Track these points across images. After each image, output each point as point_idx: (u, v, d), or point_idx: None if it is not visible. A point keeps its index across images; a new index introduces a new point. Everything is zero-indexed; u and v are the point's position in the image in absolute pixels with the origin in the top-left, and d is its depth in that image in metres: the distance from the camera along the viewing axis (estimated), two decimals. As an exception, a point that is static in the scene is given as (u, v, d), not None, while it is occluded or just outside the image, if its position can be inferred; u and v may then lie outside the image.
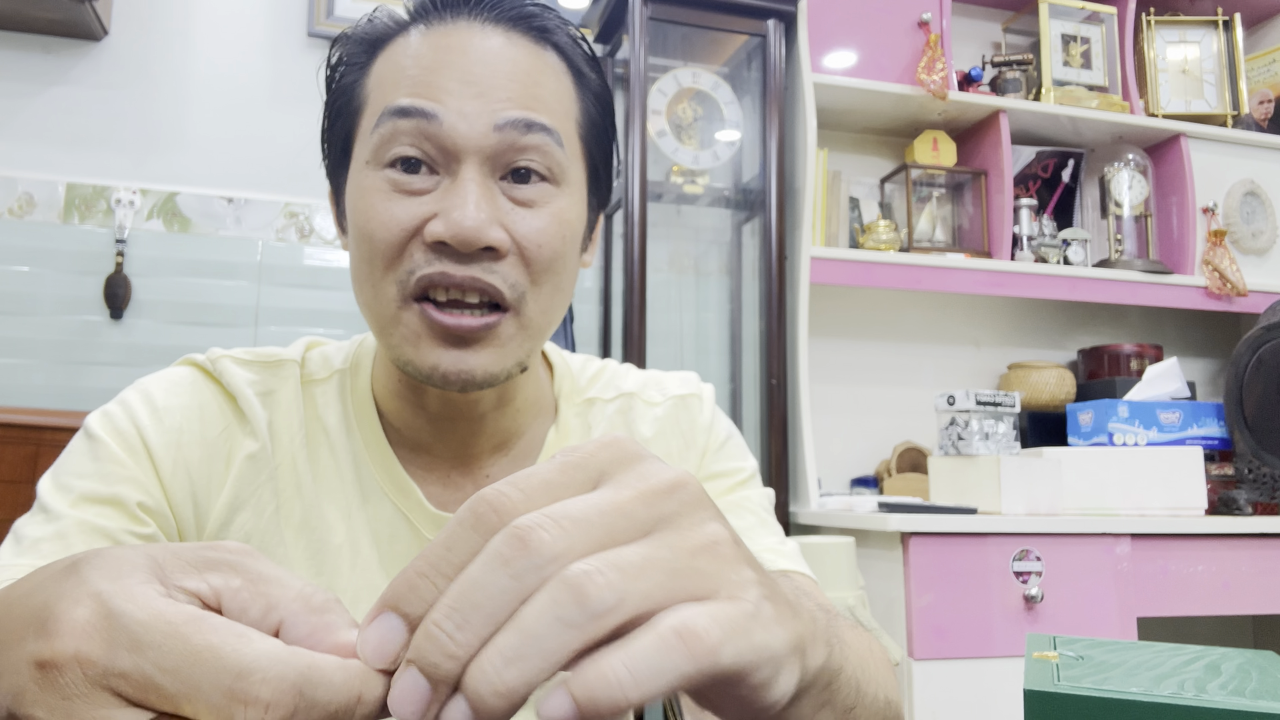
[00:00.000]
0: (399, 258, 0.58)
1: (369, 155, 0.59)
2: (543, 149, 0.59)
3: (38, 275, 1.99)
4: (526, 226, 0.59)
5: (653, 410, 0.74)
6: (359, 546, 0.64)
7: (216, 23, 2.16)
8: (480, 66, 0.58)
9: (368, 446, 0.66)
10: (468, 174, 0.57)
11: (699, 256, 2.41)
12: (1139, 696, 0.39)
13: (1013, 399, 1.97)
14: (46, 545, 0.55)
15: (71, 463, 0.60)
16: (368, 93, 0.61)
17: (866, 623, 1.58)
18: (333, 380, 0.68)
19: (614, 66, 2.34)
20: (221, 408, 0.64)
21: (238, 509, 0.62)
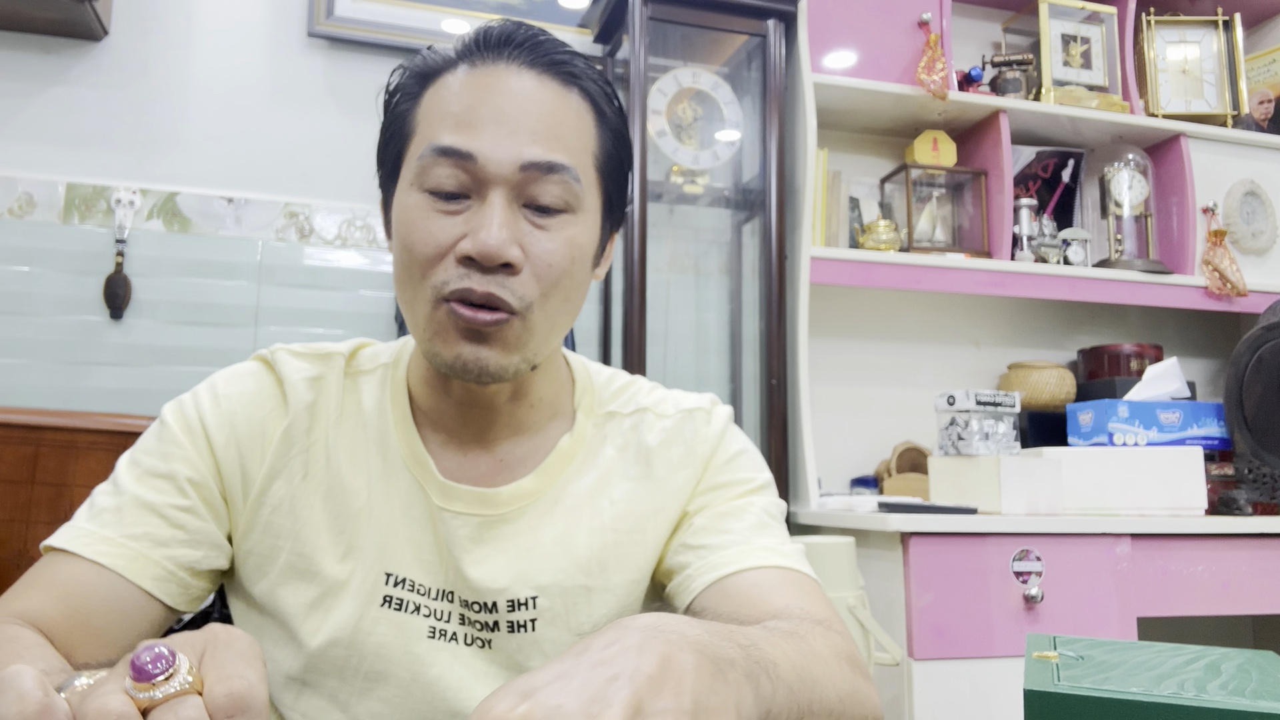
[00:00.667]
0: (434, 268, 0.68)
1: (413, 178, 0.69)
2: (561, 185, 0.69)
3: (38, 275, 1.99)
4: (540, 247, 0.68)
5: (662, 422, 0.81)
6: (375, 510, 0.73)
7: (216, 23, 2.16)
8: (512, 106, 0.68)
9: (396, 425, 0.76)
10: (494, 200, 0.67)
11: (699, 256, 2.41)
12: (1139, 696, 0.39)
13: (1013, 399, 1.97)
14: (107, 516, 0.69)
15: (144, 442, 0.74)
16: (417, 121, 0.71)
17: (866, 623, 1.58)
18: (377, 372, 0.79)
19: (614, 66, 2.34)
20: (272, 392, 0.76)
21: (274, 477, 0.73)
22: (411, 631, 0.72)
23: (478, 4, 2.29)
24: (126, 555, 0.68)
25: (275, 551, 0.73)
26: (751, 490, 0.79)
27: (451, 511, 0.73)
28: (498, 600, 0.72)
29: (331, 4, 2.18)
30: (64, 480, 1.66)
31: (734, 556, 0.72)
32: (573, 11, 2.35)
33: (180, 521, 0.70)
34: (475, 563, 0.73)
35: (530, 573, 0.73)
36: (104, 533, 0.68)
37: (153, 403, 2.00)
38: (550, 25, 2.33)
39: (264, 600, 0.73)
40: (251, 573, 0.74)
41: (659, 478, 0.78)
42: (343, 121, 2.20)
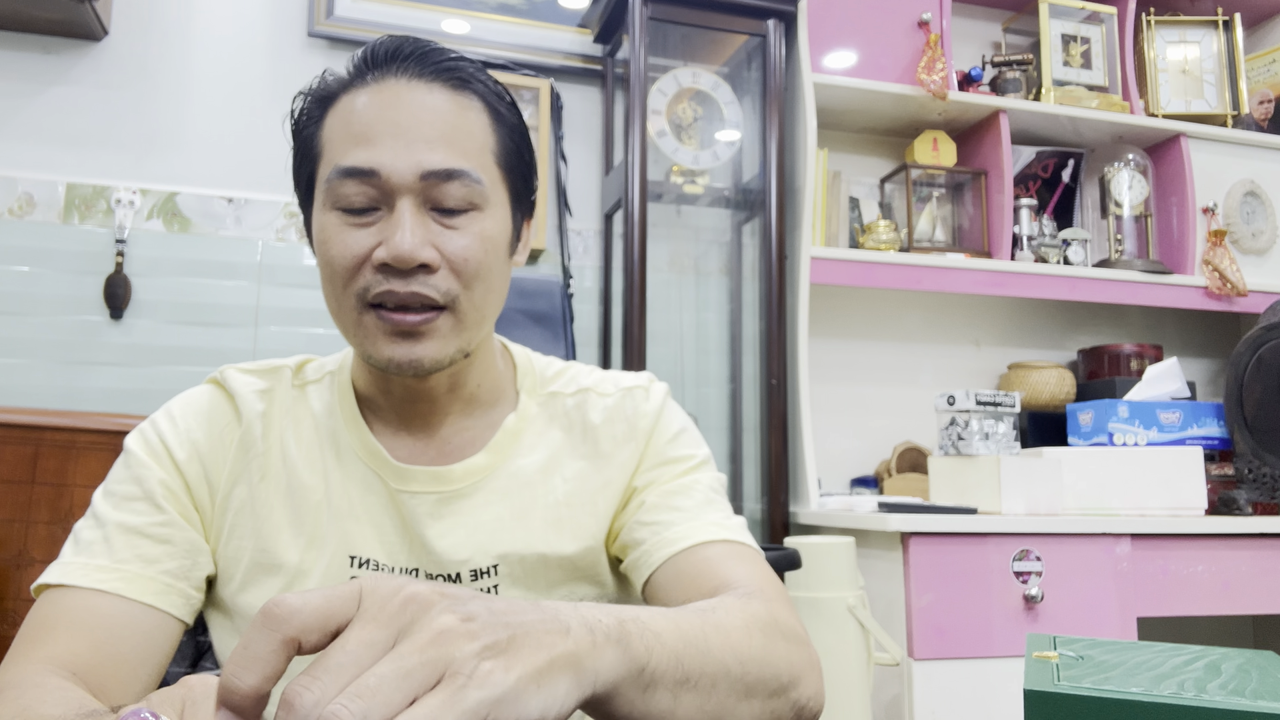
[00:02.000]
0: (354, 277, 0.72)
1: (324, 199, 0.73)
2: (463, 187, 0.72)
3: (38, 275, 1.99)
4: (453, 245, 0.72)
5: (604, 400, 0.85)
6: (334, 500, 0.78)
7: (216, 23, 2.16)
8: (407, 118, 0.72)
9: (345, 423, 0.80)
10: (402, 208, 0.71)
11: (699, 256, 2.41)
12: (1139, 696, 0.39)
13: (1013, 399, 1.97)
14: (97, 547, 0.72)
15: (114, 474, 0.77)
16: (322, 144, 0.75)
17: (866, 623, 1.58)
18: (324, 380, 0.84)
19: (614, 66, 2.34)
20: (225, 407, 0.80)
21: (234, 482, 0.78)
22: None
23: (478, 4, 2.29)
24: (123, 578, 0.71)
25: (241, 552, 0.77)
26: (694, 467, 0.84)
27: (409, 492, 0.78)
28: (461, 570, 0.77)
29: (331, 4, 2.18)
30: (64, 480, 1.66)
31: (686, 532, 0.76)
32: (573, 11, 2.35)
33: (163, 536, 0.74)
34: (438, 536, 0.77)
35: (489, 544, 0.78)
36: (96, 562, 0.71)
37: (153, 403, 1.99)
38: (550, 25, 2.33)
39: (235, 602, 0.77)
40: (222, 576, 0.77)
41: (605, 453, 0.83)
42: (343, 121, 2.20)
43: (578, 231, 2.32)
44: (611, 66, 2.34)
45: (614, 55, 2.33)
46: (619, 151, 2.32)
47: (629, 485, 0.82)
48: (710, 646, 0.54)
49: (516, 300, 1.46)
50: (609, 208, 2.29)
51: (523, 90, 2.29)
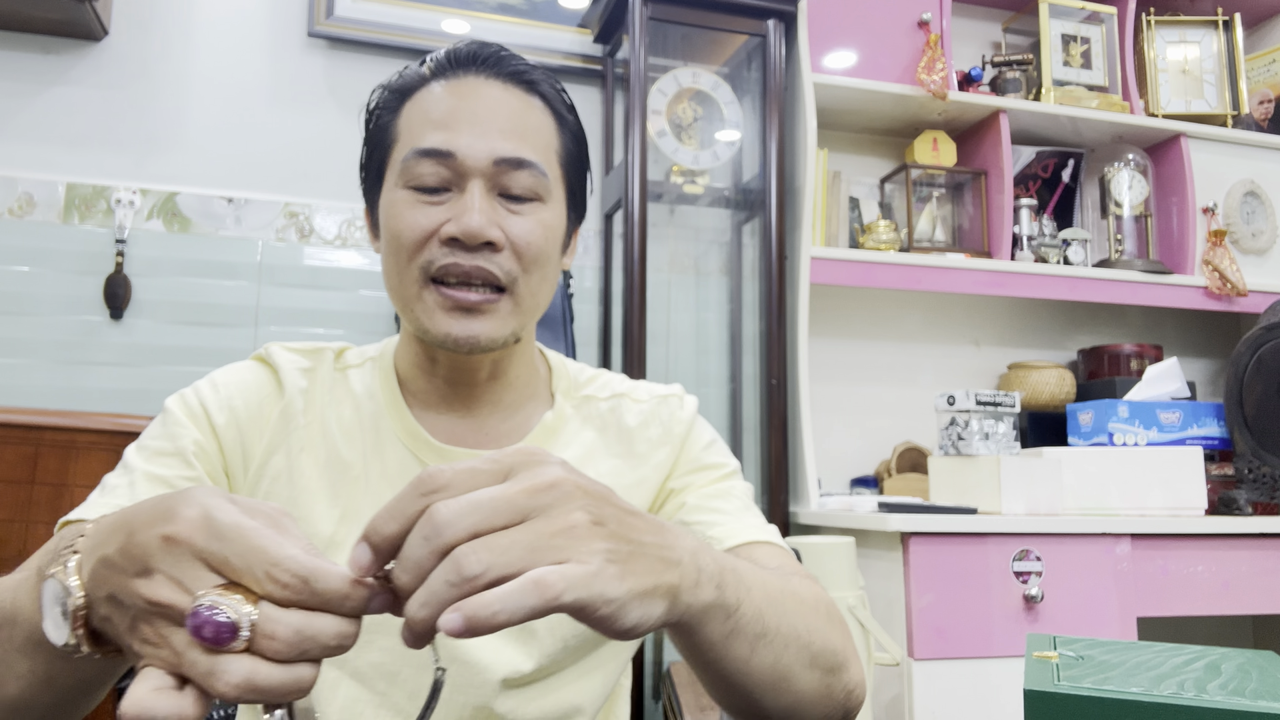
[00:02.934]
0: (420, 250, 0.76)
1: (397, 178, 0.77)
2: (530, 177, 0.77)
3: (38, 275, 1.99)
4: (518, 228, 0.77)
5: (639, 406, 0.90)
6: (372, 478, 0.81)
7: (216, 23, 2.16)
8: (484, 110, 0.77)
9: (387, 405, 0.83)
10: (473, 189, 0.76)
11: (699, 256, 2.41)
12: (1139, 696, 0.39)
13: (1013, 399, 1.97)
14: (121, 490, 0.74)
15: (149, 429, 0.80)
16: (399, 132, 0.79)
17: (866, 623, 1.58)
18: (366, 364, 0.87)
19: (614, 66, 2.34)
20: (267, 381, 0.83)
21: (272, 451, 0.80)
22: None
23: (478, 4, 2.29)
24: None
25: None
26: (728, 475, 0.89)
27: None
28: None
29: (331, 4, 2.18)
30: (64, 480, 1.66)
31: (729, 532, 0.80)
32: (573, 11, 2.35)
33: None
34: None
35: None
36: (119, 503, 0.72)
37: (153, 403, 2.00)
38: (550, 25, 2.33)
39: None
40: None
41: (640, 454, 0.87)
42: (343, 121, 2.20)
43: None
44: (611, 66, 2.34)
45: (614, 55, 2.32)
46: (619, 151, 2.32)
47: (664, 486, 0.87)
48: (787, 610, 0.61)
49: (516, 300, 1.46)
50: (609, 208, 2.29)
51: (523, 90, 2.29)
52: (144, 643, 0.43)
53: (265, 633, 0.40)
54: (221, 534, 0.42)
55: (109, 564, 0.45)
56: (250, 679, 0.40)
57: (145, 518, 0.44)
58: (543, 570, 0.42)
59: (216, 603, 0.40)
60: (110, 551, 0.45)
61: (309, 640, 0.41)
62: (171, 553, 0.42)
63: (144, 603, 0.42)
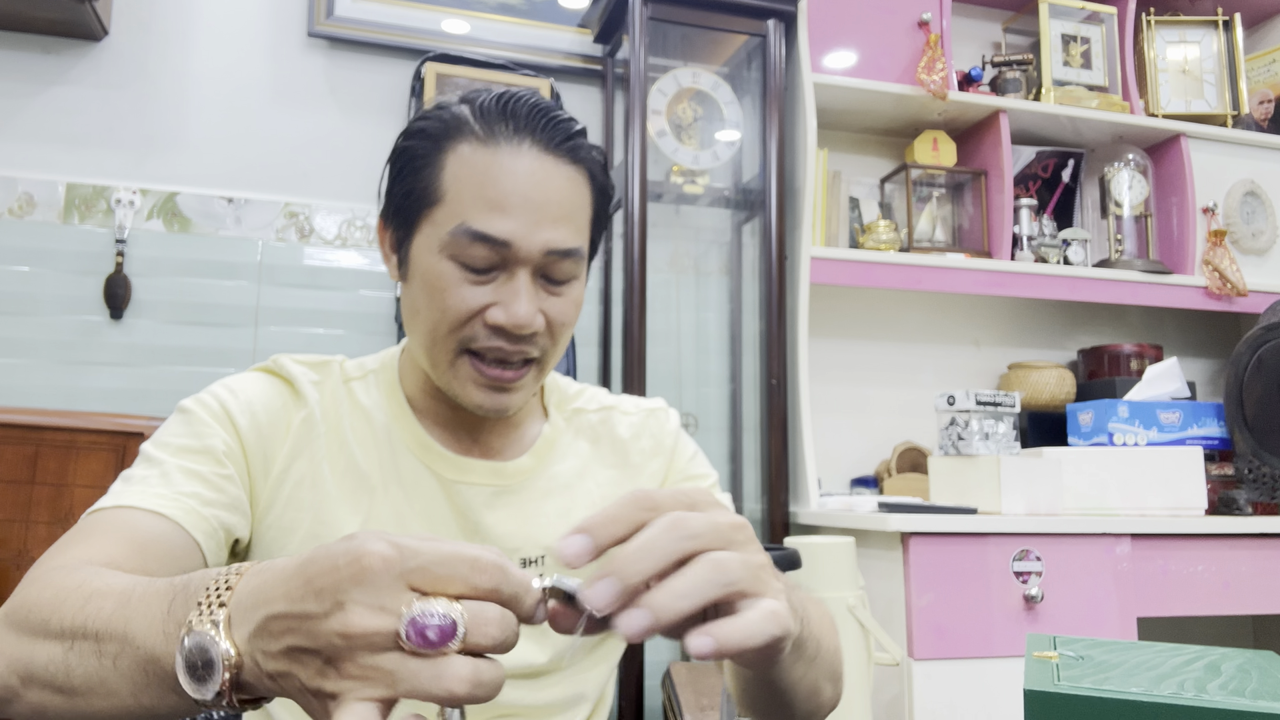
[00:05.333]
0: (462, 327, 0.78)
1: (443, 247, 0.77)
2: (573, 263, 0.80)
3: (38, 275, 1.99)
4: (556, 310, 0.80)
5: (629, 418, 0.94)
6: (389, 486, 0.83)
7: (216, 23, 2.16)
8: (537, 194, 0.77)
9: (396, 419, 0.86)
10: (522, 277, 0.77)
11: (699, 256, 2.41)
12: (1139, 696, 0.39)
13: (1013, 399, 1.97)
14: (153, 479, 0.73)
15: (169, 429, 0.79)
16: (443, 190, 0.78)
17: (866, 623, 1.58)
18: (368, 378, 0.88)
19: (614, 66, 2.34)
20: (283, 390, 0.84)
21: (295, 457, 0.81)
22: None
23: (478, 4, 2.29)
24: (182, 508, 0.71)
25: (297, 523, 0.80)
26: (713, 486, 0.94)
27: (467, 483, 0.84)
28: (514, 558, 0.83)
29: (331, 4, 2.18)
30: (64, 480, 1.66)
31: None
32: (573, 11, 2.35)
33: (221, 487, 0.76)
34: (495, 524, 0.84)
35: (539, 535, 0.85)
36: (154, 490, 0.72)
37: (153, 403, 2.00)
38: (550, 25, 2.33)
39: None
40: (271, 545, 0.80)
41: (635, 464, 0.92)
42: (343, 121, 2.20)
43: (578, 231, 2.32)
44: (611, 66, 2.34)
45: (614, 55, 2.32)
46: (619, 151, 2.32)
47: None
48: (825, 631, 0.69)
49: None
50: (609, 206, 2.28)
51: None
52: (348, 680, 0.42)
53: (478, 626, 0.42)
54: (416, 551, 0.43)
55: (284, 618, 0.43)
56: (476, 674, 0.41)
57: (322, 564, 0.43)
58: (774, 604, 0.46)
59: (426, 609, 0.41)
60: (281, 607, 0.43)
61: (511, 631, 0.43)
62: (371, 582, 0.42)
63: (342, 640, 0.42)
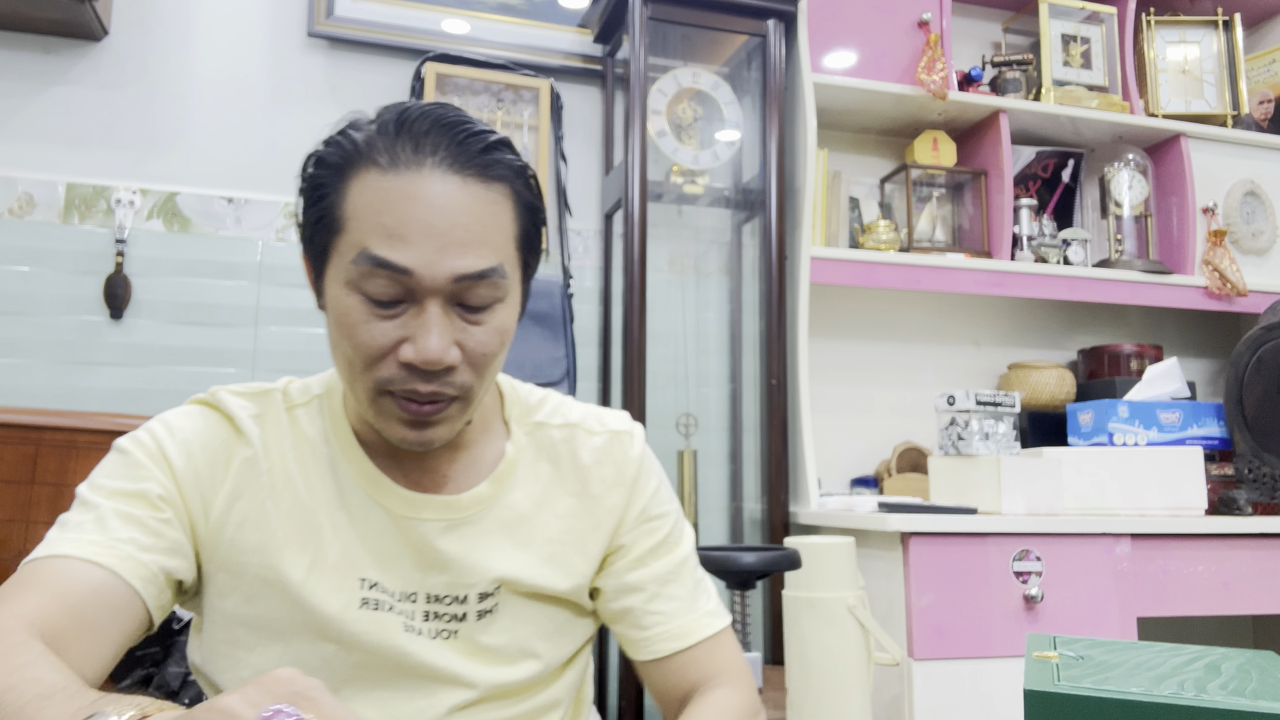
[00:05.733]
0: (376, 365, 0.73)
1: (347, 279, 0.72)
2: (490, 286, 0.73)
3: (38, 275, 1.99)
4: (475, 341, 0.74)
5: (592, 440, 0.89)
6: (338, 524, 0.80)
7: (216, 23, 2.16)
8: (441, 219, 0.70)
9: (343, 450, 0.82)
10: (431, 309, 0.71)
11: (699, 256, 2.41)
12: (1139, 696, 0.39)
13: (1013, 399, 1.97)
14: (88, 525, 0.71)
15: (104, 469, 0.76)
16: (346, 217, 0.72)
17: (866, 623, 1.58)
18: (312, 403, 0.84)
19: (614, 66, 2.34)
20: (222, 426, 0.81)
21: (236, 497, 0.78)
22: (390, 627, 0.79)
23: (478, 4, 2.29)
24: (117, 555, 0.70)
25: (244, 566, 0.77)
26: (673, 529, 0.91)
27: (419, 519, 0.81)
28: (469, 593, 0.81)
29: (331, 4, 2.18)
30: (64, 480, 1.66)
31: (684, 627, 0.87)
32: (573, 11, 2.35)
33: (159, 531, 0.74)
34: (450, 559, 0.80)
35: (495, 568, 0.82)
36: (89, 537, 0.70)
37: (153, 403, 2.00)
38: (550, 25, 2.33)
39: (238, 612, 0.78)
40: (220, 587, 0.78)
41: (595, 494, 0.88)
42: (343, 121, 2.20)
43: (578, 231, 2.32)
44: (611, 66, 2.34)
45: (614, 55, 2.33)
46: (619, 151, 2.32)
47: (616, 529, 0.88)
48: None
49: (516, 300, 1.46)
50: (609, 208, 2.29)
51: (523, 90, 2.29)
52: None
53: None
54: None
55: None
56: None
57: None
58: None
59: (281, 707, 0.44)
60: None
61: None
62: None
63: None
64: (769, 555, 1.39)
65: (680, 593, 0.88)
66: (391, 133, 0.72)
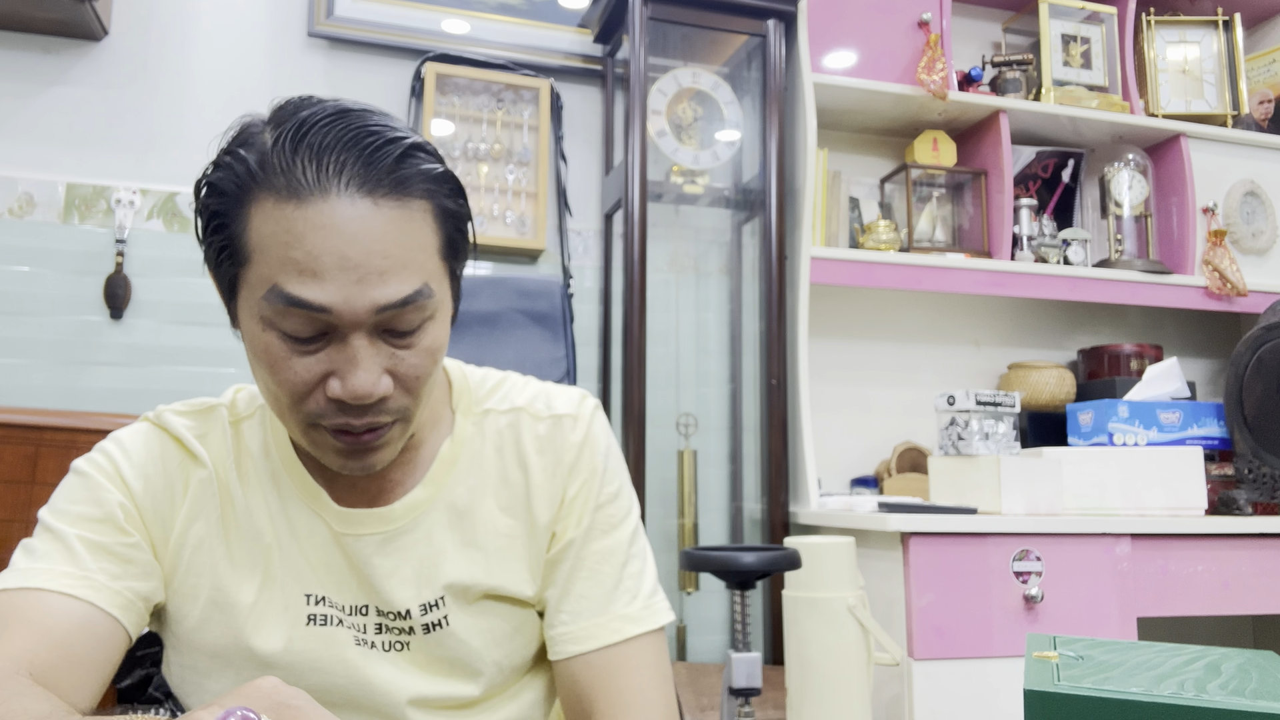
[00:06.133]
0: (303, 401, 0.68)
1: (261, 316, 0.66)
2: (417, 310, 0.68)
3: (38, 275, 1.99)
4: (407, 365, 0.69)
5: (536, 426, 0.83)
6: (283, 542, 0.78)
7: (216, 23, 2.16)
8: (355, 250, 0.64)
9: (284, 464, 0.79)
10: (356, 342, 0.66)
11: (699, 256, 2.41)
12: (1139, 696, 0.39)
13: (1013, 399, 1.97)
14: (57, 556, 0.70)
15: (66, 494, 0.75)
16: (250, 248, 0.66)
17: (866, 623, 1.58)
18: (255, 415, 0.82)
19: (614, 66, 2.34)
20: (173, 448, 0.79)
21: (193, 520, 0.77)
22: (340, 642, 0.77)
23: (478, 4, 2.29)
24: (91, 586, 0.70)
25: (198, 590, 0.77)
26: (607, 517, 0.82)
27: (354, 535, 0.78)
28: (411, 608, 0.78)
29: (331, 4, 2.18)
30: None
31: (585, 630, 0.78)
32: (573, 11, 2.35)
33: (129, 556, 0.73)
34: (385, 576, 0.77)
35: (435, 575, 0.78)
36: (61, 568, 0.69)
37: (153, 403, 1.99)
38: (550, 25, 2.33)
39: (192, 638, 0.77)
40: (176, 612, 0.77)
41: (536, 484, 0.81)
42: (343, 121, 2.20)
43: (578, 231, 2.32)
44: (611, 66, 2.34)
45: (614, 55, 2.33)
46: (619, 151, 2.32)
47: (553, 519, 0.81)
48: None
49: (516, 300, 1.46)
50: (609, 208, 2.29)
51: (523, 90, 2.29)
52: None
53: None
54: None
55: None
56: None
57: None
58: None
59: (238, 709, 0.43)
60: None
61: None
62: None
63: None
64: (769, 555, 1.39)
65: (593, 590, 0.80)
66: (288, 151, 0.65)
